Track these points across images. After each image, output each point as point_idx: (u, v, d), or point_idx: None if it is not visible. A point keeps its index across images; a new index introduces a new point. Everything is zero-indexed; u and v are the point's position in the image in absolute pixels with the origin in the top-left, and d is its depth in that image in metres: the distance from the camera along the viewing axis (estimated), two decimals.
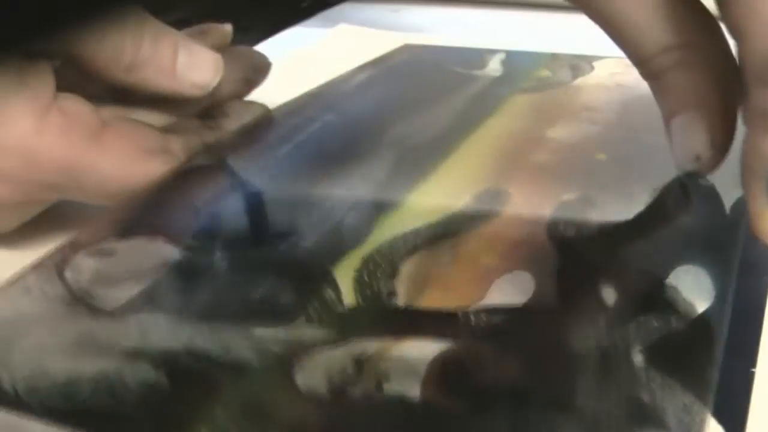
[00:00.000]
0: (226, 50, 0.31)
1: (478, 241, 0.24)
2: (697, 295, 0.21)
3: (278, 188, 0.27)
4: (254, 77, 0.33)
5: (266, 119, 0.33)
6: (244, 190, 0.27)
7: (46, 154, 0.26)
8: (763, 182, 0.22)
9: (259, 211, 0.26)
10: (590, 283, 0.22)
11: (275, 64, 0.34)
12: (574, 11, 0.27)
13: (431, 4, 0.56)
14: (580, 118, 0.32)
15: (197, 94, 0.30)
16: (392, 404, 0.18)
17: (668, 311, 0.20)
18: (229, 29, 0.32)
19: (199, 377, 0.19)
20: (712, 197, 0.26)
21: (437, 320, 0.21)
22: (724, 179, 0.25)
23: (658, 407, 0.18)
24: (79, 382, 0.19)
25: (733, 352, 0.21)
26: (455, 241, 0.24)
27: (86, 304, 0.22)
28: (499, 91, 0.36)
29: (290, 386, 0.19)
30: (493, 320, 0.20)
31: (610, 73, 0.38)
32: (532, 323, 0.21)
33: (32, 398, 0.18)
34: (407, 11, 0.55)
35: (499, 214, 0.25)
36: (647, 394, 0.18)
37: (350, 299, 0.21)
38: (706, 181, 0.26)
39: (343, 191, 0.27)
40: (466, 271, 0.22)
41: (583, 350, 0.19)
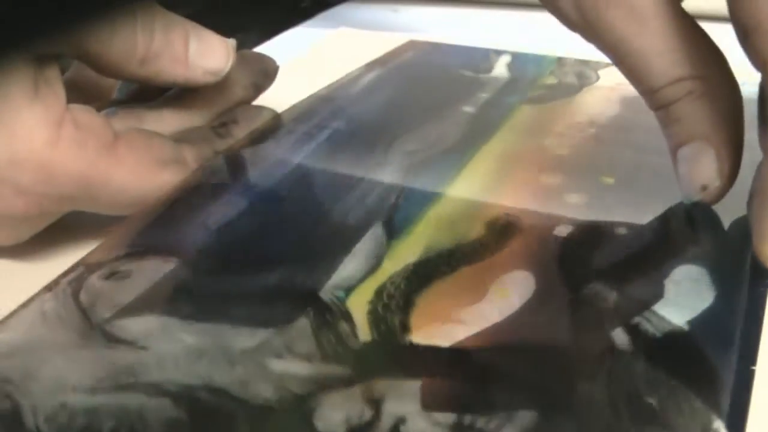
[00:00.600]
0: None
1: (488, 270, 0.24)
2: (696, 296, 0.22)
3: (289, 208, 0.27)
4: (263, 82, 0.33)
5: (275, 125, 0.33)
6: (255, 210, 0.27)
7: (59, 166, 0.26)
8: None
9: (270, 233, 0.26)
10: (599, 322, 0.22)
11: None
12: None
13: (431, 4, 0.56)
14: (587, 135, 0.33)
15: (210, 80, 0.30)
16: None
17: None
18: (233, 42, 0.32)
19: (218, 415, 0.19)
20: (717, 227, 0.26)
21: (449, 358, 0.21)
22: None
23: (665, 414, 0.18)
24: (99, 418, 0.19)
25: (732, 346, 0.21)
26: (468, 270, 0.24)
27: (103, 332, 0.22)
28: (506, 100, 0.36)
29: (309, 428, 0.19)
30: (505, 360, 0.21)
31: (616, 83, 0.38)
32: (542, 362, 0.21)
33: None
34: (407, 11, 0.55)
35: (508, 242, 0.25)
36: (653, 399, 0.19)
37: (365, 334, 0.22)
38: (711, 211, 0.26)
39: (353, 215, 0.27)
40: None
41: (594, 390, 0.20)
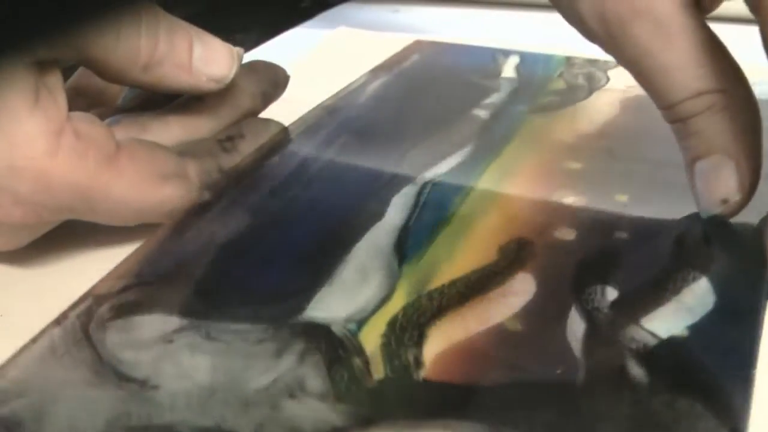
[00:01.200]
0: (243, 64, 0.31)
1: (501, 299, 0.24)
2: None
3: (297, 238, 0.27)
4: (273, 91, 0.33)
5: (282, 140, 0.32)
6: (262, 238, 0.27)
7: (58, 177, 0.25)
8: None
9: (279, 264, 0.26)
10: (616, 353, 0.22)
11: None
12: None
13: (431, 4, 0.55)
14: (599, 148, 0.32)
15: (214, 88, 0.30)
16: None
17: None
18: (241, 51, 0.31)
19: None
20: (733, 240, 0.26)
21: (463, 396, 0.21)
22: None
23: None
24: None
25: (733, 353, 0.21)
26: (480, 300, 0.24)
27: (114, 370, 0.21)
28: (515, 110, 0.36)
29: None
30: (520, 398, 0.21)
31: (626, 85, 0.37)
32: (554, 400, 0.21)
33: None
34: (407, 11, 0.55)
35: (523, 269, 0.25)
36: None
37: (379, 371, 0.21)
38: (728, 224, 0.26)
39: (362, 238, 0.26)
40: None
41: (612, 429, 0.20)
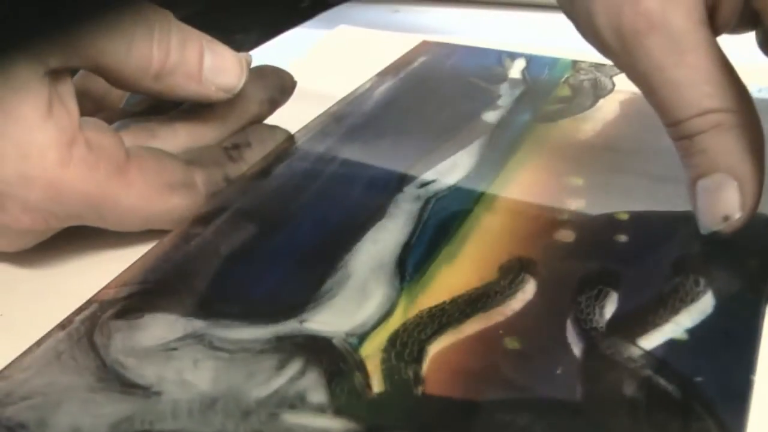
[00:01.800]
0: (251, 69, 0.31)
1: (502, 317, 0.24)
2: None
3: (301, 249, 0.27)
4: (279, 97, 0.33)
5: (288, 149, 0.33)
6: (267, 248, 0.27)
7: (69, 186, 0.26)
8: None
9: (283, 275, 0.26)
10: (613, 372, 0.22)
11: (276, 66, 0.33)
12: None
13: (431, 4, 0.56)
14: (603, 161, 0.32)
15: (222, 97, 0.30)
16: None
17: None
18: (250, 57, 0.31)
19: None
20: (733, 256, 0.26)
21: (462, 412, 0.21)
22: None
23: None
24: None
25: (734, 358, 0.22)
26: (481, 317, 0.24)
27: (117, 376, 0.22)
28: (521, 119, 0.36)
29: None
30: (519, 416, 0.21)
31: (632, 92, 0.37)
32: (552, 418, 0.21)
33: None
34: (407, 11, 0.55)
35: (523, 288, 0.25)
36: None
37: (379, 385, 0.22)
38: (729, 241, 0.26)
39: (365, 252, 0.27)
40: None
41: None
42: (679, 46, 0.25)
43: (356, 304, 0.24)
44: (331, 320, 0.24)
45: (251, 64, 0.32)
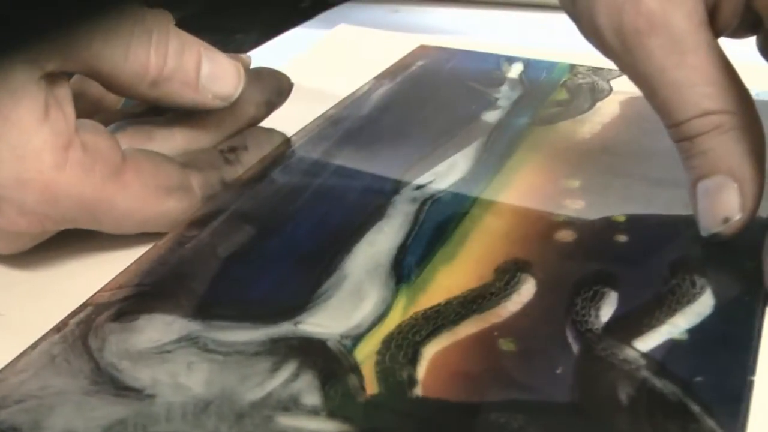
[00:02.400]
0: (248, 72, 0.31)
1: (497, 319, 0.24)
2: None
3: (297, 252, 0.27)
4: (276, 100, 0.33)
5: (284, 152, 0.33)
6: (262, 251, 0.27)
7: (65, 190, 0.26)
8: None
9: (278, 278, 0.26)
10: (609, 374, 0.22)
11: (276, 66, 0.33)
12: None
13: (431, 5, 0.56)
14: (600, 163, 0.32)
15: (219, 105, 0.30)
16: None
17: None
18: (249, 59, 0.31)
19: None
20: (732, 259, 0.26)
21: (457, 413, 0.21)
22: None
23: None
24: None
25: (732, 359, 0.22)
26: (476, 320, 0.24)
27: (111, 379, 0.22)
28: (518, 122, 0.36)
29: None
30: (514, 418, 0.21)
31: (629, 96, 0.37)
32: (548, 420, 0.21)
33: None
34: (407, 12, 0.55)
35: (519, 290, 0.25)
36: None
37: (373, 387, 0.21)
38: (728, 243, 0.26)
39: (361, 255, 0.26)
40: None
41: None
42: (679, 46, 0.25)
43: (351, 306, 0.24)
44: (325, 322, 0.24)
45: (251, 65, 0.32)
